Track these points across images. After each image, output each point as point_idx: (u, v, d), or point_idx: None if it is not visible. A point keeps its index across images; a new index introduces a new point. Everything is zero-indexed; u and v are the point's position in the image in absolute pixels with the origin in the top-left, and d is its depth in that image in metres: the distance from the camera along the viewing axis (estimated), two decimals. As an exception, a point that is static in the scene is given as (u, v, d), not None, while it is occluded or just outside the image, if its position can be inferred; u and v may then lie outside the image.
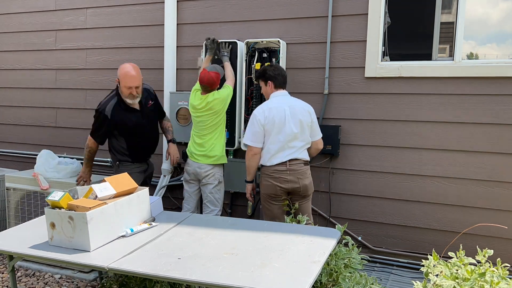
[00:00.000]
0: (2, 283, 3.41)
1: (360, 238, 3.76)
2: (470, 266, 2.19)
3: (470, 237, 3.37)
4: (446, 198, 3.52)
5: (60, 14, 4.82)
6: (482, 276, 2.07)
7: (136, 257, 2.24)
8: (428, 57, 4.45)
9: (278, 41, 3.78)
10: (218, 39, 3.85)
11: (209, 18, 4.15)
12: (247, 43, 3.87)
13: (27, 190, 3.79)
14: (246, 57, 3.88)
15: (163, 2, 4.23)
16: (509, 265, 2.39)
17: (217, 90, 3.60)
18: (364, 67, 3.66)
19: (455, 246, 2.59)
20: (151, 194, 3.56)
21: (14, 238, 2.51)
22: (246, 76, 3.90)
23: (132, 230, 2.53)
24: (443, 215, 3.54)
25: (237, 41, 3.89)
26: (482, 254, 2.31)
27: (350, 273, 2.42)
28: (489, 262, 2.33)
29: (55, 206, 2.37)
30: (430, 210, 3.57)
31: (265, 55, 3.83)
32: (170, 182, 4.37)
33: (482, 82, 3.37)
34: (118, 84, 3.39)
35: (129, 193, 2.64)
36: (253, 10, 3.99)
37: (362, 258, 2.60)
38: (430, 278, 2.24)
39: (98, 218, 2.33)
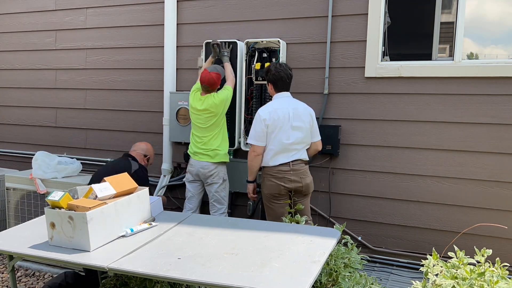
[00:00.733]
0: (2, 283, 3.41)
1: (360, 238, 3.76)
2: (469, 266, 2.19)
3: (470, 237, 3.38)
4: (446, 198, 3.52)
5: (60, 14, 4.82)
6: (481, 275, 2.07)
7: (136, 257, 2.24)
8: (428, 57, 4.45)
9: (278, 41, 3.78)
10: (218, 42, 3.84)
11: (209, 18, 4.15)
12: (247, 43, 3.87)
13: (27, 190, 3.79)
14: (246, 57, 3.88)
15: (163, 2, 4.23)
16: (508, 264, 2.39)
17: (217, 91, 3.60)
18: (364, 67, 3.66)
19: (455, 246, 2.59)
20: (151, 194, 3.56)
21: (14, 238, 2.51)
22: (246, 76, 3.90)
23: (132, 230, 2.53)
24: (443, 215, 3.54)
25: (237, 41, 3.89)
26: (481, 253, 2.31)
27: (350, 273, 2.42)
28: (488, 262, 2.33)
29: (55, 206, 2.37)
30: (430, 210, 3.57)
31: (265, 55, 3.83)
32: (170, 182, 4.37)
33: (482, 82, 3.37)
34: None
35: (129, 193, 2.64)
36: (253, 10, 3.99)
37: (362, 258, 2.60)
38: (429, 278, 2.25)
39: (98, 218, 2.33)
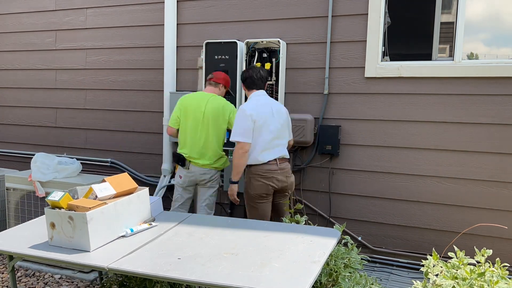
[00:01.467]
0: (2, 283, 3.41)
1: (360, 238, 3.76)
2: (469, 266, 2.19)
3: (470, 237, 3.38)
4: (446, 198, 3.52)
5: (60, 14, 4.82)
6: (481, 276, 2.07)
7: (136, 257, 2.24)
8: (428, 57, 4.45)
9: (278, 41, 3.78)
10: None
11: (209, 18, 4.15)
12: (247, 43, 3.87)
13: (27, 190, 3.79)
14: (246, 57, 3.88)
15: (163, 2, 4.23)
16: (508, 265, 2.39)
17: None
18: (364, 67, 3.66)
19: (455, 246, 2.59)
20: (151, 194, 3.56)
21: (14, 238, 2.51)
22: (246, 76, 3.90)
23: (132, 230, 2.53)
24: (443, 215, 3.54)
25: (237, 41, 3.89)
26: (481, 254, 2.31)
27: (350, 273, 2.42)
28: (488, 262, 2.33)
29: (55, 206, 2.37)
30: (430, 210, 3.57)
31: (265, 55, 3.83)
32: (170, 182, 4.37)
33: (482, 82, 3.37)
34: None
35: (129, 193, 2.64)
36: (253, 10, 3.99)
37: (362, 258, 2.60)
38: (429, 278, 2.25)
39: (98, 218, 2.33)
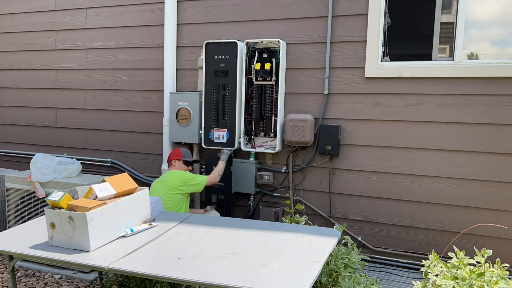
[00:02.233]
0: (2, 283, 3.41)
1: (360, 238, 3.76)
2: (469, 267, 2.20)
3: (470, 237, 3.38)
4: (446, 198, 3.52)
5: (60, 14, 4.82)
6: (481, 276, 2.07)
7: (136, 257, 2.24)
8: (428, 57, 4.45)
9: (278, 41, 3.78)
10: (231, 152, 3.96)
11: (209, 18, 4.15)
12: (247, 43, 3.87)
13: (27, 190, 3.79)
14: (246, 57, 3.88)
15: (163, 2, 4.23)
16: (508, 265, 2.39)
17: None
18: (364, 67, 3.66)
19: (455, 246, 2.59)
20: (151, 194, 3.55)
21: (14, 238, 2.51)
22: (246, 76, 3.90)
23: (132, 230, 2.53)
24: (443, 215, 3.54)
25: (237, 41, 3.89)
26: (481, 254, 2.31)
27: (350, 273, 2.42)
28: (488, 262, 2.33)
29: (55, 206, 2.37)
30: (430, 210, 3.57)
31: (265, 55, 3.83)
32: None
33: (482, 82, 3.37)
34: None
35: (129, 193, 2.64)
36: (253, 10, 3.99)
37: (362, 259, 2.60)
38: (430, 278, 2.25)
39: (98, 218, 2.33)
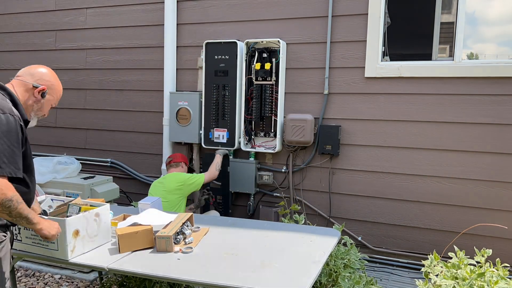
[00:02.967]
0: (2, 283, 3.41)
1: (360, 238, 3.76)
2: (469, 266, 2.20)
3: (470, 237, 3.37)
4: (446, 198, 3.52)
5: (60, 14, 4.82)
6: (481, 276, 2.07)
7: (136, 257, 2.24)
8: (428, 57, 4.45)
9: (278, 41, 3.78)
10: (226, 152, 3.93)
11: (209, 18, 4.15)
12: (247, 43, 3.87)
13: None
14: (246, 57, 3.88)
15: (163, 2, 4.23)
16: (508, 265, 2.39)
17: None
18: (364, 67, 3.66)
19: (455, 246, 2.59)
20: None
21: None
22: (246, 76, 3.90)
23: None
24: (443, 215, 3.54)
25: (237, 41, 3.89)
26: (481, 254, 2.31)
27: (350, 273, 2.42)
28: (489, 262, 2.33)
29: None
30: (430, 210, 3.57)
31: (265, 55, 3.83)
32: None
33: (482, 82, 3.37)
34: (43, 93, 2.18)
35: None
36: (253, 10, 3.99)
37: (362, 259, 2.60)
38: (430, 278, 2.25)
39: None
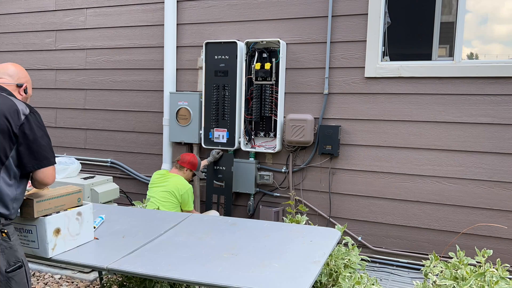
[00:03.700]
0: (2, 283, 3.41)
1: (360, 238, 3.76)
2: (469, 267, 2.20)
3: (470, 237, 3.38)
4: (446, 198, 3.52)
5: (60, 14, 4.82)
6: (481, 276, 2.07)
7: (136, 257, 2.24)
8: (428, 57, 4.45)
9: (278, 41, 3.78)
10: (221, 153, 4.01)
11: (209, 18, 4.15)
12: (247, 43, 3.87)
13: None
14: (246, 57, 3.88)
15: (163, 2, 4.23)
16: (508, 265, 2.39)
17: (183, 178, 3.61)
18: (364, 67, 3.66)
19: (455, 246, 2.59)
20: (151, 194, 3.53)
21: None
22: (246, 76, 3.90)
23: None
24: (443, 215, 3.54)
25: (237, 41, 3.89)
26: (481, 254, 2.31)
27: (350, 273, 2.42)
28: (489, 262, 2.33)
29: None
30: (430, 210, 3.57)
31: (265, 55, 3.83)
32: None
33: (482, 82, 3.37)
34: (25, 90, 2.16)
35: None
36: (253, 10, 3.99)
37: (362, 259, 2.60)
38: (430, 278, 2.25)
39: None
